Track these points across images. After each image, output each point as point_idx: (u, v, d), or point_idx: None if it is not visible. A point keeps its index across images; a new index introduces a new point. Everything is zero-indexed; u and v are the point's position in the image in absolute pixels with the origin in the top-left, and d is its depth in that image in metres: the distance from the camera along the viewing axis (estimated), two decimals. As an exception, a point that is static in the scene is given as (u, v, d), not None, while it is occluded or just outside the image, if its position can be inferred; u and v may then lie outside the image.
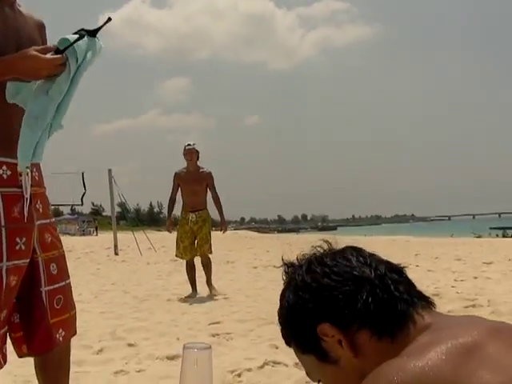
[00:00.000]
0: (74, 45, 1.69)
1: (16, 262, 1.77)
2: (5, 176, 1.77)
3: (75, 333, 2.02)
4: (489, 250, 14.36)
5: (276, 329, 1.14)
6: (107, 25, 1.75)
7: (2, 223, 1.74)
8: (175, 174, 7.21)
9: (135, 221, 24.47)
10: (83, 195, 19.99)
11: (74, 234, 47.82)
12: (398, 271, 1.01)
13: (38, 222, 1.89)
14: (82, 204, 21.07)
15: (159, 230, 46.24)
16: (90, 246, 20.67)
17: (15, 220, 1.78)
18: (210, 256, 7.17)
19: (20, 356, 1.96)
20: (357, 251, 1.04)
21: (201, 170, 7.18)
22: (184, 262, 7.26)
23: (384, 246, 18.10)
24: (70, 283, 2.03)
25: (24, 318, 1.89)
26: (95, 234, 52.67)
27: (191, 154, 7.06)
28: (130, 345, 3.99)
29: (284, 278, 1.11)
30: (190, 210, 7.06)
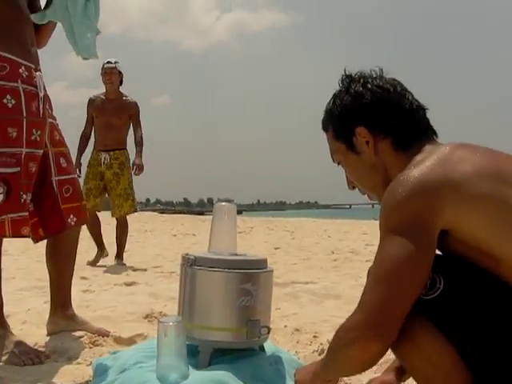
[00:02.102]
0: None
1: (33, 150, 2.09)
2: (24, 75, 2.08)
3: (86, 221, 2.34)
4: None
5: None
6: None
7: (24, 115, 2.05)
8: (89, 100, 5.50)
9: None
10: None
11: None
12: (423, 109, 1.42)
13: (49, 120, 2.21)
14: None
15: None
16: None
17: (33, 114, 2.09)
18: (127, 218, 5.52)
19: (36, 240, 2.27)
20: (401, 85, 1.43)
21: (124, 98, 5.47)
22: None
23: (293, 223, 18.90)
24: (77, 177, 2.35)
25: (38, 204, 2.20)
26: None
27: (111, 74, 5.30)
28: (83, 278, 4.26)
29: (340, 84, 1.46)
30: (103, 149, 5.37)
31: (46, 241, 2.33)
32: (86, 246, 6.87)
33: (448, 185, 1.18)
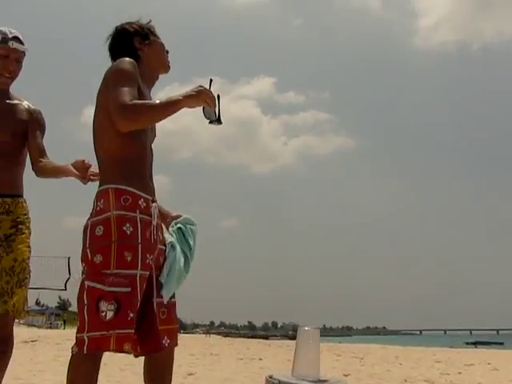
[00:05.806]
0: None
1: (144, 272, 2.29)
2: (142, 206, 2.34)
3: (177, 344, 2.45)
4: (466, 355, 14.71)
5: None
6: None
7: (139, 241, 2.27)
8: None
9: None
10: (67, 280, 19.91)
11: (40, 327, 46.52)
12: None
13: (159, 246, 2.42)
14: (65, 289, 20.91)
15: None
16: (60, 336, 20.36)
17: (147, 241, 2.31)
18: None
19: (136, 355, 2.40)
20: None
21: (15, 102, 3.00)
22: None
23: (361, 349, 18.25)
24: (175, 301, 2.49)
25: (138, 323, 2.34)
26: (63, 327, 51.06)
27: (6, 50, 2.87)
28: None
29: None
30: None
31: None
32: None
33: None
